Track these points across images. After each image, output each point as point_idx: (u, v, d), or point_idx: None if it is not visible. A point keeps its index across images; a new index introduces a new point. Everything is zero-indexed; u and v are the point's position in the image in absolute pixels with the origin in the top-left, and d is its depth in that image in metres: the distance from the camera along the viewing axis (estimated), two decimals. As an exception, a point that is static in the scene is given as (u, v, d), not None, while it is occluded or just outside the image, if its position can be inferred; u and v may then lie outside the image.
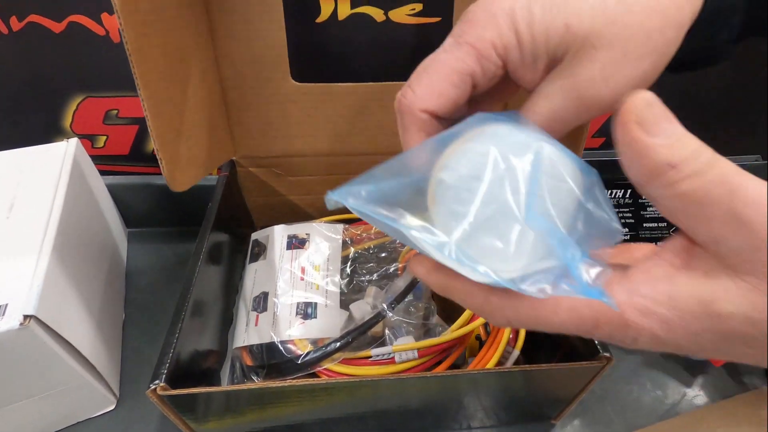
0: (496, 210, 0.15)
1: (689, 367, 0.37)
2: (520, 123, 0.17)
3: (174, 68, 0.29)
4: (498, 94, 0.22)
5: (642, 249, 0.17)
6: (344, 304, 0.33)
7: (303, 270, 0.34)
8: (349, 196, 0.16)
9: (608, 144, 0.51)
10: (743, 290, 0.14)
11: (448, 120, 0.21)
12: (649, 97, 0.15)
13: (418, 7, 0.39)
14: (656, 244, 0.17)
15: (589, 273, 0.15)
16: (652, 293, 0.15)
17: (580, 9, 0.18)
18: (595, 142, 0.51)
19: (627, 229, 0.41)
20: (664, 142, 0.15)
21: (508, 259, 0.15)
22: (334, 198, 0.16)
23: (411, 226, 0.16)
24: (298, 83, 0.36)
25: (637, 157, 0.15)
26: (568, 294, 0.15)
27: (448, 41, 0.20)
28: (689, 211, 0.15)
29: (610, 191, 0.42)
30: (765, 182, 0.14)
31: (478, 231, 0.15)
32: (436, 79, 0.20)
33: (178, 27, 0.29)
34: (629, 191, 0.42)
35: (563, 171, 0.16)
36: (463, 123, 0.17)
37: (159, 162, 0.28)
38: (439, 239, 0.15)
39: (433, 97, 0.20)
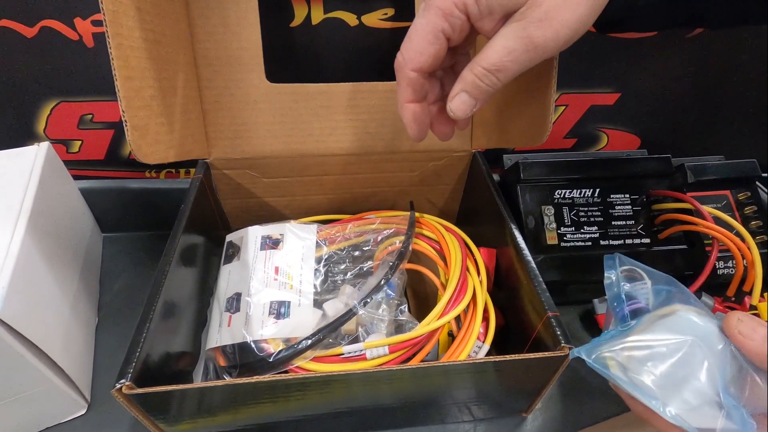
0: (699, 377, 0.22)
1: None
2: (699, 307, 0.25)
3: (150, 46, 0.30)
4: (469, 45, 0.29)
5: None
6: (318, 303, 0.34)
7: (276, 270, 0.34)
8: (585, 354, 0.25)
9: (579, 145, 0.53)
10: None
11: (434, 75, 0.29)
12: (740, 314, 0.23)
13: (390, 11, 0.40)
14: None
15: None
16: None
17: None
18: (567, 143, 0.53)
19: (596, 227, 0.42)
20: (765, 340, 0.22)
21: (703, 417, 0.22)
22: (575, 354, 0.25)
23: (637, 387, 0.23)
24: (271, 83, 0.37)
25: (756, 357, 0.22)
26: None
27: (421, 7, 0.25)
28: None
29: (579, 190, 0.43)
30: None
31: (687, 393, 0.22)
32: (416, 41, 0.25)
33: (157, 13, 0.30)
34: (598, 190, 0.43)
35: (740, 355, 0.22)
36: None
37: (124, 125, 0.28)
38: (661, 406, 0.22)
39: (417, 56, 0.25)
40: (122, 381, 0.23)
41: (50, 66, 0.40)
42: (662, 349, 0.23)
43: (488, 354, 0.32)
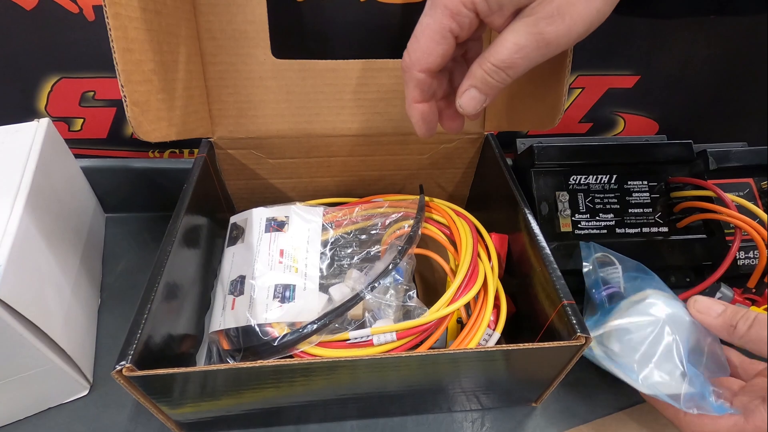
0: (667, 352, 0.27)
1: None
2: (666, 291, 0.31)
3: (150, 16, 0.28)
4: (481, 31, 0.27)
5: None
6: (324, 287, 0.33)
7: (281, 253, 0.33)
8: None
9: (595, 129, 0.51)
10: None
11: (443, 72, 0.28)
12: (697, 296, 0.29)
13: (403, -15, 0.38)
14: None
15: (713, 397, 0.26)
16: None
17: None
18: (582, 127, 0.51)
19: (612, 215, 0.41)
20: (718, 315, 0.28)
21: (671, 385, 0.27)
22: None
23: (615, 363, 0.29)
24: (278, 59, 0.35)
25: (713, 328, 0.28)
26: (707, 412, 0.26)
27: (427, 5, 0.24)
28: (761, 348, 0.25)
29: (596, 176, 0.42)
30: None
31: (656, 366, 0.27)
32: (423, 42, 0.24)
33: None
34: (615, 176, 0.42)
35: (700, 329, 0.28)
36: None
37: (123, 101, 0.27)
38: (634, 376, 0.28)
39: (424, 57, 0.24)
40: (122, 363, 0.23)
41: (50, 40, 0.39)
42: (636, 330, 0.28)
43: (498, 342, 0.31)
